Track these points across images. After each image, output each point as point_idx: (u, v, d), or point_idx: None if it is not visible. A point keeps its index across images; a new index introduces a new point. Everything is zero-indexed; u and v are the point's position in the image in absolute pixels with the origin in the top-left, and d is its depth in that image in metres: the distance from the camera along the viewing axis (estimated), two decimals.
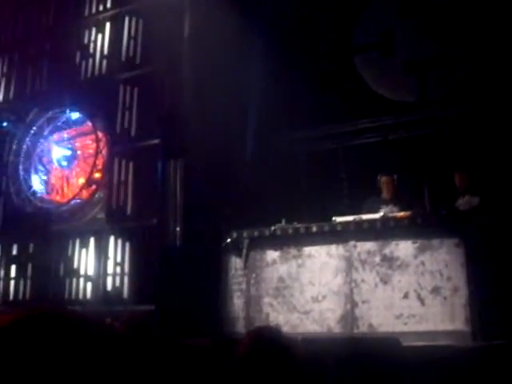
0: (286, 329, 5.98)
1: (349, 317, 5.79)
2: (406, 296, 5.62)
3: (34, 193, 9.42)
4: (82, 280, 8.69)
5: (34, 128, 9.58)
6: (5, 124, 9.73)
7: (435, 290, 5.54)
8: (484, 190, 6.59)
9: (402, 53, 8.29)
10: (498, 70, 7.59)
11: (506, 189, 6.86)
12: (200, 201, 7.59)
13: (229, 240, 6.48)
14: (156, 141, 8.14)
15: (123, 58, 8.80)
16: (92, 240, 8.71)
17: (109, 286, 8.43)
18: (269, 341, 2.35)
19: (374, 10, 8.63)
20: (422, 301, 5.56)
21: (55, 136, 9.65)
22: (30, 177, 9.51)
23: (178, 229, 7.49)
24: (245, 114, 8.41)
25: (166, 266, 7.35)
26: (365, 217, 6.02)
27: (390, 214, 6.09)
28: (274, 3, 8.75)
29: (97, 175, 8.91)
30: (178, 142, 7.93)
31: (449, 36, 8.06)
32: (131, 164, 8.47)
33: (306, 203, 7.85)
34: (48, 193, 9.58)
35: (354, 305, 5.78)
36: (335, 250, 5.96)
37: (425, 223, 5.73)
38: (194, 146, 7.76)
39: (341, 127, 8.47)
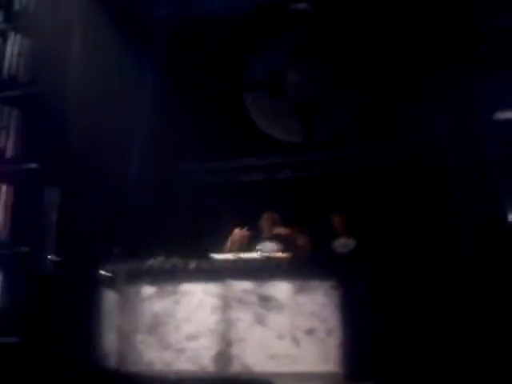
0: (159, 367, 5.83)
1: (223, 356, 5.69)
2: (281, 337, 5.60)
3: None
4: None
5: None
6: None
7: (310, 332, 5.56)
8: (359, 233, 6.78)
9: (291, 94, 8.43)
10: (381, 116, 7.89)
11: (382, 234, 7.09)
12: (78, 230, 7.30)
13: (104, 272, 6.24)
14: (35, 164, 7.76)
15: (5, 76, 8.38)
16: None
17: None
18: None
19: (267, 49, 8.74)
20: (297, 342, 5.56)
21: None
22: None
23: (51, 258, 7.12)
24: (132, 142, 8.23)
25: (36, 296, 6.97)
26: (243, 255, 6.00)
27: (269, 254, 6.09)
28: (168, 35, 8.69)
29: None
30: (59, 167, 7.61)
31: (337, 80, 8.29)
32: (5, 187, 8.01)
33: (188, 238, 7.72)
34: None
35: (229, 344, 5.69)
36: (212, 287, 5.86)
37: (302, 264, 5.77)
38: (77, 173, 7.49)
39: (228, 163, 8.47)
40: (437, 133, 7.55)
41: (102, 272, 6.28)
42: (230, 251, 6.45)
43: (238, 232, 6.90)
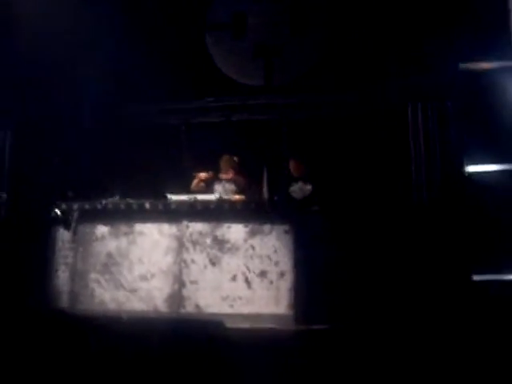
0: (112, 306, 5.85)
1: (176, 297, 5.75)
2: (234, 278, 5.67)
3: None
4: None
5: None
6: None
7: (263, 274, 5.64)
8: (316, 179, 6.81)
9: (253, 36, 8.29)
10: (342, 62, 7.84)
11: (336, 180, 7.15)
12: (30, 170, 7.17)
13: (58, 211, 6.16)
14: None
15: None
16: None
17: None
18: None
19: None
20: (249, 284, 5.64)
21: None
22: None
23: (3, 196, 7.01)
24: (85, 81, 8.02)
25: None
26: (200, 197, 5.99)
27: (225, 197, 6.10)
28: None
29: None
30: (9, 110, 7.41)
31: (298, 24, 8.18)
32: None
33: (144, 178, 7.65)
34: None
35: (182, 285, 5.74)
36: (167, 228, 5.87)
37: (258, 208, 5.80)
38: (30, 116, 7.32)
39: (185, 104, 8.35)
40: (399, 82, 7.54)
41: (56, 211, 6.19)
42: (193, 192, 6.42)
43: (202, 174, 6.87)
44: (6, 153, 7.31)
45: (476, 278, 6.42)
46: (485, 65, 6.96)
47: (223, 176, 6.92)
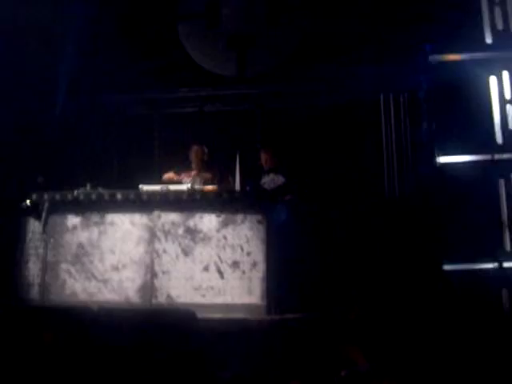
0: (83, 297, 5.80)
1: (148, 287, 5.72)
2: (206, 268, 5.66)
3: None
4: None
5: None
6: None
7: (235, 264, 5.64)
8: (289, 170, 6.84)
9: (226, 26, 8.27)
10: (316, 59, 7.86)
11: (309, 171, 7.18)
12: (1, 160, 7.09)
13: (28, 201, 6.09)
14: None
15: None
16: None
17: None
18: None
19: None
20: (221, 274, 5.63)
21: None
22: None
23: None
24: (58, 69, 7.93)
25: None
26: (172, 187, 5.96)
27: (197, 187, 6.08)
28: None
29: None
30: None
31: (273, 14, 8.18)
32: None
33: (116, 169, 7.62)
34: None
35: (154, 275, 5.71)
36: (139, 218, 5.83)
37: (230, 198, 5.79)
38: None
39: (158, 94, 8.31)
40: (372, 72, 7.59)
41: (25, 201, 6.11)
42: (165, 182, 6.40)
43: (170, 175, 6.85)
44: None
45: (447, 267, 6.52)
46: (455, 56, 7.03)
47: (194, 166, 6.90)
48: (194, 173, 6.87)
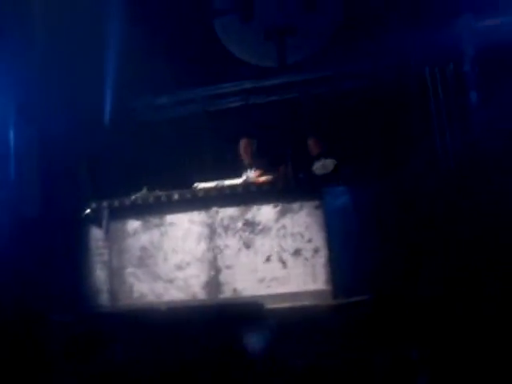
0: (150, 298, 5.92)
1: (213, 283, 5.79)
2: (268, 259, 5.69)
3: None
4: None
5: None
6: None
7: (297, 252, 5.65)
8: (339, 153, 6.80)
9: (261, 18, 8.27)
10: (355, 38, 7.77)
11: (360, 154, 7.13)
12: (58, 169, 7.28)
13: (88, 210, 6.24)
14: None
15: None
16: None
17: None
18: None
19: None
20: (284, 263, 5.66)
21: None
22: None
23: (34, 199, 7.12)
24: (103, 78, 8.07)
25: (23, 238, 6.96)
26: (226, 182, 6.02)
27: (251, 179, 6.12)
28: None
29: None
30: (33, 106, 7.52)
31: (307, 3, 8.15)
32: None
33: (169, 170, 7.70)
34: None
35: (218, 270, 5.78)
36: (197, 216, 5.91)
37: (285, 187, 5.82)
38: (50, 112, 7.42)
39: (202, 92, 8.37)
40: (414, 50, 7.47)
41: (86, 210, 6.26)
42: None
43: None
44: (34, 155, 7.41)
45: None
46: (495, 21, 6.87)
47: (245, 160, 6.91)
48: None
